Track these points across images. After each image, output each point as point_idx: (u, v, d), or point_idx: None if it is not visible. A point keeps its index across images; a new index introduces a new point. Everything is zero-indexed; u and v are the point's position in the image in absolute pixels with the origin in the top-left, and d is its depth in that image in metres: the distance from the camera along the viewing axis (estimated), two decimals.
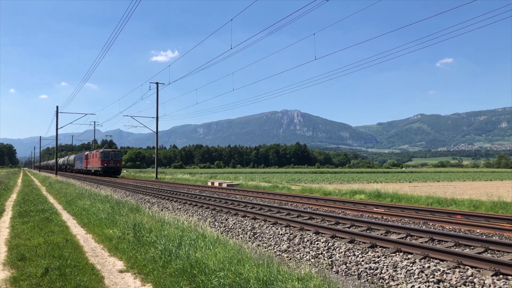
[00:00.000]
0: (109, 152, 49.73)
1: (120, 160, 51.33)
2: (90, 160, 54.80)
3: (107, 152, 49.61)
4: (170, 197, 17.85)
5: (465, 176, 71.02)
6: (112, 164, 49.19)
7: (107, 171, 48.80)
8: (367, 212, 12.19)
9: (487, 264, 5.79)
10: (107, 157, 49.03)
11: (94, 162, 51.71)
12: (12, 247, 7.99)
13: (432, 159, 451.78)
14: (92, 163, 53.12)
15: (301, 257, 7.45)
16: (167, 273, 5.85)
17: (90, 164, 54.64)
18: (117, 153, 50.93)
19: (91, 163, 54.28)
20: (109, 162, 48.77)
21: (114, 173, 49.66)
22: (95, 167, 51.43)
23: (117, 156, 50.20)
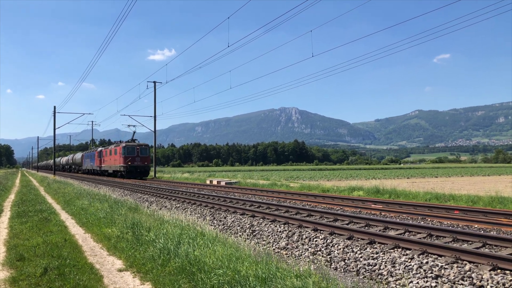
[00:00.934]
0: (134, 147, 38.08)
1: (149, 157, 39.60)
2: (107, 158, 44.25)
3: (132, 147, 38.09)
4: (168, 195, 17.84)
5: (463, 172, 71.22)
6: (139, 163, 37.98)
7: (133, 171, 37.71)
8: (366, 209, 12.22)
9: (485, 259, 5.82)
10: (132, 153, 37.89)
11: (113, 160, 40.79)
12: (11, 247, 7.99)
13: (430, 155, 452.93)
14: (110, 161, 42.37)
15: (300, 254, 7.47)
16: (166, 271, 5.86)
17: (107, 163, 43.93)
18: (145, 148, 39.01)
19: (107, 161, 43.64)
20: (135, 159, 37.70)
21: (142, 174, 38.70)
22: (115, 167, 40.27)
23: (144, 152, 38.86)
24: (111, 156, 42.11)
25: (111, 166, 42.13)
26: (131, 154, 37.80)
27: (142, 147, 38.84)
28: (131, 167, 37.51)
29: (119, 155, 38.54)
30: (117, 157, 39.21)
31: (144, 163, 38.45)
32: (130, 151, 37.87)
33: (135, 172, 37.86)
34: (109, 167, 43.11)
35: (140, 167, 38.21)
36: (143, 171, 38.63)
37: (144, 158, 38.55)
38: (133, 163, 37.69)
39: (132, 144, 38.92)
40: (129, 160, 37.50)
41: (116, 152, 39.88)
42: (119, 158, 38.48)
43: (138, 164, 37.92)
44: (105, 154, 44.97)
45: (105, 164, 44.81)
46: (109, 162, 42.82)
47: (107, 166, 43.81)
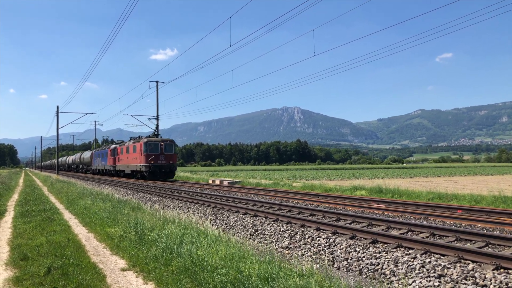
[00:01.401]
0: (158, 143, 32.69)
1: (175, 155, 34.24)
2: (123, 156, 38.52)
3: (155, 143, 32.66)
4: (171, 195, 17.87)
5: (466, 171, 71.02)
6: (163, 161, 32.40)
7: (156, 172, 32.15)
8: (368, 208, 12.20)
9: (488, 259, 5.80)
10: (155, 150, 32.38)
11: (132, 159, 35.31)
12: (15, 247, 8.02)
13: (433, 155, 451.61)
14: (127, 160, 36.86)
15: (303, 254, 7.47)
16: (169, 271, 5.88)
17: (123, 162, 38.35)
18: (170, 144, 33.49)
19: (124, 160, 38.03)
20: (158, 158, 32.15)
21: (167, 174, 33.12)
22: (134, 166, 34.76)
23: (169, 149, 33.21)
24: (128, 154, 36.53)
25: (128, 165, 36.59)
26: (154, 152, 32.14)
27: (167, 143, 33.15)
28: (155, 167, 31.75)
29: (140, 152, 32.89)
30: (137, 155, 33.62)
31: (169, 161, 32.73)
32: (153, 147, 32.26)
33: (159, 173, 32.25)
34: (125, 167, 37.58)
35: (165, 166, 32.41)
36: (168, 171, 32.83)
37: (169, 156, 32.90)
38: (157, 162, 31.91)
39: (155, 139, 33.16)
40: (152, 159, 31.79)
41: (135, 149, 34.20)
42: (140, 156, 32.85)
43: (162, 163, 32.27)
44: (121, 152, 39.07)
45: (121, 163, 39.10)
46: (126, 161, 37.15)
47: (123, 165, 38.21)
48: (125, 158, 37.81)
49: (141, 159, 32.53)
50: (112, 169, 42.51)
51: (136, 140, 35.68)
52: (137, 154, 33.60)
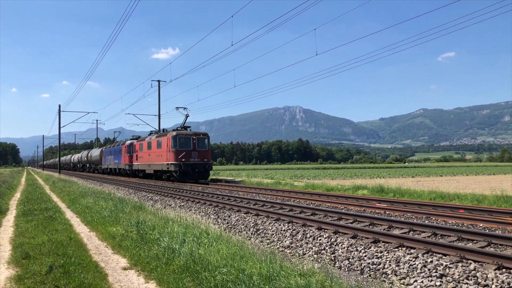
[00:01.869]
0: (190, 137, 27.22)
1: (209, 152, 28.42)
2: (142, 153, 33.13)
3: (186, 137, 27.19)
4: (173, 194, 17.89)
5: (468, 171, 70.88)
6: (196, 159, 26.95)
7: (188, 172, 26.62)
8: (370, 208, 12.19)
9: (490, 258, 5.79)
10: (186, 145, 26.99)
11: (156, 157, 29.93)
12: (17, 245, 8.04)
13: (435, 154, 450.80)
14: (149, 158, 31.49)
15: (304, 253, 7.47)
16: (171, 270, 5.88)
17: (143, 160, 33.02)
18: (203, 138, 28.12)
19: (145, 158, 32.51)
20: (190, 155, 26.79)
21: (201, 175, 27.54)
22: (158, 165, 29.26)
23: (203, 144, 27.85)
24: (150, 150, 31.14)
25: (150, 164, 31.10)
26: (185, 147, 26.83)
27: (200, 136, 27.68)
28: (186, 166, 26.23)
29: (167, 148, 27.35)
30: (163, 152, 28.23)
31: (203, 159, 27.24)
32: (183, 142, 26.95)
33: (191, 173, 26.72)
34: (146, 166, 32.15)
35: (199, 165, 26.80)
36: (202, 171, 27.21)
37: (203, 153, 27.41)
38: (189, 159, 26.55)
39: (186, 132, 27.64)
40: (183, 156, 26.41)
41: (160, 144, 28.93)
42: (167, 153, 27.41)
43: (195, 161, 26.81)
44: (140, 149, 33.79)
45: (140, 161, 33.70)
46: (147, 158, 31.91)
47: (143, 164, 32.84)
48: (145, 156, 32.35)
49: (169, 156, 27.04)
50: (128, 169, 37.11)
51: (161, 133, 30.21)
52: (163, 150, 28.11)
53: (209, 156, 27.94)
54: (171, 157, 26.84)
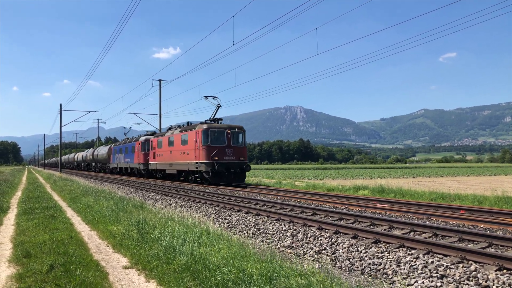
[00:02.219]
0: (223, 131, 22.87)
1: (246, 149, 24.07)
2: (162, 150, 28.67)
3: (219, 131, 22.85)
4: (174, 193, 17.90)
5: (469, 171, 70.81)
6: (231, 157, 22.63)
7: (222, 173, 22.21)
8: (371, 208, 12.18)
9: (490, 259, 5.78)
10: (219, 140, 22.72)
11: (180, 155, 25.51)
12: (18, 244, 8.06)
13: (436, 154, 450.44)
14: (172, 156, 26.98)
15: (304, 253, 7.47)
16: (171, 269, 5.89)
17: (163, 158, 28.48)
18: (239, 132, 23.70)
19: (165, 156, 28.10)
20: (224, 152, 22.41)
21: (237, 176, 22.99)
22: (184, 165, 24.74)
23: (238, 140, 23.55)
24: (172, 147, 26.89)
25: (172, 163, 26.76)
26: (218, 143, 22.47)
27: (235, 131, 23.21)
28: (220, 165, 21.79)
29: (195, 144, 23.03)
30: (189, 148, 23.94)
31: (239, 158, 22.80)
32: (216, 137, 22.61)
33: (226, 174, 22.29)
34: (167, 166, 27.79)
35: (234, 164, 22.46)
36: (238, 171, 22.76)
37: (239, 150, 23.00)
38: (223, 158, 22.21)
39: (220, 126, 23.11)
40: (216, 153, 22.04)
41: (185, 140, 24.72)
42: (195, 151, 23.02)
43: (230, 159, 22.44)
44: (158, 145, 29.65)
45: (159, 160, 29.35)
46: (168, 157, 27.57)
47: (164, 163, 28.38)
48: (165, 154, 28.06)
49: (199, 154, 22.65)
50: (142, 168, 33.30)
51: (186, 127, 25.76)
52: (190, 147, 23.82)
53: (246, 154, 23.65)
54: (201, 155, 22.46)
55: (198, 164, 22.78)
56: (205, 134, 22.53)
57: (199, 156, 22.77)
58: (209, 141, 22.40)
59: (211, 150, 22.16)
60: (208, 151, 22.18)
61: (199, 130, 22.91)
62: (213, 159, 21.99)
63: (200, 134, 22.74)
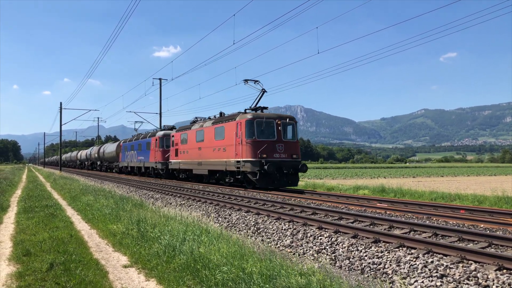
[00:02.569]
0: (273, 122, 18.69)
1: (298, 144, 19.73)
2: (188, 146, 24.54)
3: (268, 122, 18.62)
4: (174, 192, 17.90)
5: (469, 171, 70.81)
6: (283, 155, 18.50)
7: (273, 174, 17.84)
8: (371, 207, 12.18)
9: (490, 259, 5.78)
10: (268, 133, 18.60)
11: (214, 152, 21.23)
12: (17, 242, 8.06)
13: (436, 154, 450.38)
14: (201, 153, 22.72)
15: (304, 252, 7.47)
16: (171, 268, 5.89)
17: (191, 156, 24.12)
18: (291, 124, 19.49)
19: (193, 154, 23.77)
20: (275, 149, 18.33)
21: (290, 179, 18.63)
22: (220, 164, 20.67)
23: (290, 133, 19.47)
24: (202, 143, 22.62)
25: (202, 162, 22.39)
26: (266, 137, 18.22)
27: (286, 121, 18.88)
28: (271, 164, 17.44)
29: (236, 139, 18.83)
30: (227, 144, 19.80)
31: (292, 155, 18.52)
32: (264, 130, 18.30)
33: (279, 175, 17.95)
34: (195, 164, 23.43)
35: (287, 164, 18.20)
36: (292, 172, 18.40)
37: (291, 146, 18.75)
38: (272, 155, 17.99)
39: (268, 115, 18.83)
40: (264, 150, 17.83)
41: (221, 133, 20.54)
42: (236, 146, 18.81)
43: (282, 157, 18.21)
44: (183, 141, 25.51)
45: (183, 158, 25.11)
46: (197, 154, 23.24)
47: (190, 162, 24.17)
48: (193, 151, 23.79)
49: (241, 150, 18.40)
50: (160, 168, 29.27)
51: (222, 118, 21.17)
52: (228, 142, 19.73)
53: (299, 151, 19.20)
54: (245, 151, 18.15)
55: (241, 163, 18.50)
56: (249, 126, 18.26)
57: (241, 153, 18.46)
58: (255, 135, 18.12)
59: (258, 145, 17.99)
60: (254, 147, 18.00)
61: (242, 121, 18.62)
62: (261, 157, 17.78)
63: (243, 126, 18.43)
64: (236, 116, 19.63)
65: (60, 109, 51.12)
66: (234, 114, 20.07)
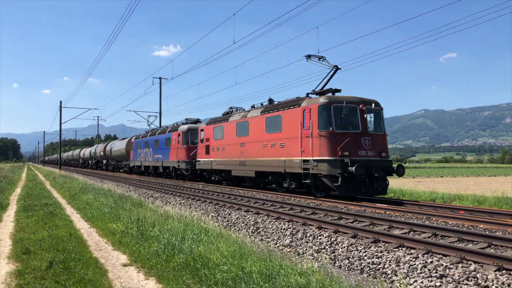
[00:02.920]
0: (355, 107, 13.96)
1: (386, 138, 14.66)
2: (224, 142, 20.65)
3: (348, 108, 13.84)
4: (173, 191, 17.90)
5: (468, 172, 70.81)
6: (371, 153, 13.79)
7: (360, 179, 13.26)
8: (370, 207, 12.18)
9: (490, 259, 5.79)
10: (349, 124, 13.95)
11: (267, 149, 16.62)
12: (17, 240, 8.05)
13: (436, 155, 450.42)
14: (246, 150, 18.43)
15: (304, 252, 7.47)
16: (171, 267, 5.89)
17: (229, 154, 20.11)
18: (376, 112, 14.61)
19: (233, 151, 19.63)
20: (359, 144, 13.65)
21: (379, 186, 13.77)
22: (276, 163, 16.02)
23: (377, 123, 14.61)
24: (246, 137, 18.46)
25: (247, 161, 18.25)
26: (347, 128, 14.05)
27: (371, 108, 14.45)
28: (360, 165, 12.98)
29: (303, 130, 14.73)
30: (286, 136, 15.69)
31: (380, 154, 14.25)
32: (344, 118, 13.98)
33: (367, 180, 13.62)
34: (236, 165, 19.24)
35: (376, 163, 13.85)
36: (382, 176, 13.86)
37: (379, 140, 14.54)
38: (357, 153, 13.76)
39: (347, 98, 14.30)
40: (346, 146, 13.58)
41: (277, 123, 16.32)
42: (303, 141, 14.71)
43: (369, 156, 13.95)
44: (217, 135, 21.25)
45: (217, 156, 21.08)
46: (238, 151, 19.13)
47: (227, 161, 20.14)
48: (232, 147, 19.60)
49: (311, 146, 14.20)
50: (184, 168, 24.98)
51: (278, 105, 16.71)
52: (288, 134, 15.47)
53: (387, 147, 14.84)
54: (318, 147, 13.81)
55: (310, 163, 14.06)
56: (325, 113, 13.75)
57: (311, 150, 14.02)
58: (332, 125, 13.65)
59: (337, 139, 13.48)
60: (332, 142, 13.50)
61: (312, 107, 14.13)
62: (343, 155, 13.36)
63: (315, 114, 13.94)
64: (301, 101, 15.06)
65: (60, 107, 51.11)
66: (297, 99, 15.67)
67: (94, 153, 54.07)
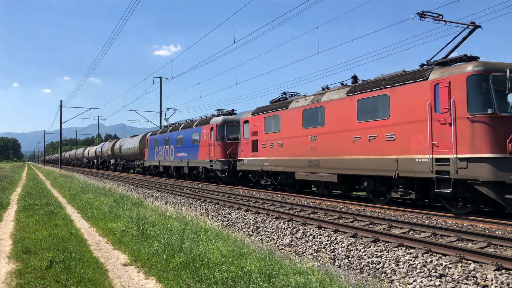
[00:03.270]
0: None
1: None
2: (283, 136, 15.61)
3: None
4: (173, 191, 17.91)
5: None
6: None
7: None
8: (370, 207, 12.18)
9: (489, 259, 5.79)
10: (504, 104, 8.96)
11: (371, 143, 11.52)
12: (17, 240, 8.07)
13: None
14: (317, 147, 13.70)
15: (304, 251, 7.48)
16: (170, 266, 5.90)
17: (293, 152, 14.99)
18: None
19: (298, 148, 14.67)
20: None
21: None
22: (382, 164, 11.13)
23: None
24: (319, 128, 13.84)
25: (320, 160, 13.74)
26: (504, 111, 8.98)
27: None
28: None
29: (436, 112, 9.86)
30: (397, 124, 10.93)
31: None
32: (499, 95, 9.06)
33: None
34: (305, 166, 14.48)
35: None
36: None
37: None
38: None
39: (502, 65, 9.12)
40: None
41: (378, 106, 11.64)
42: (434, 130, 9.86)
43: None
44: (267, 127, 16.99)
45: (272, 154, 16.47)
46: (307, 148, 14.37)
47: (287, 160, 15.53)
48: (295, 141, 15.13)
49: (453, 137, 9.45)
50: (220, 169, 20.68)
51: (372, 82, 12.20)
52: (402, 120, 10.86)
53: None
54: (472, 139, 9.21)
55: (452, 162, 9.52)
56: (480, 88, 9.35)
57: (453, 142, 9.51)
58: (493, 105, 9.11)
59: (504, 127, 9.08)
60: (495, 130, 9.05)
61: (456, 78, 9.67)
62: None
63: (462, 88, 9.52)
64: (427, 72, 10.52)
65: (60, 107, 51.13)
66: (419, 70, 11.06)
67: (100, 152, 49.26)
